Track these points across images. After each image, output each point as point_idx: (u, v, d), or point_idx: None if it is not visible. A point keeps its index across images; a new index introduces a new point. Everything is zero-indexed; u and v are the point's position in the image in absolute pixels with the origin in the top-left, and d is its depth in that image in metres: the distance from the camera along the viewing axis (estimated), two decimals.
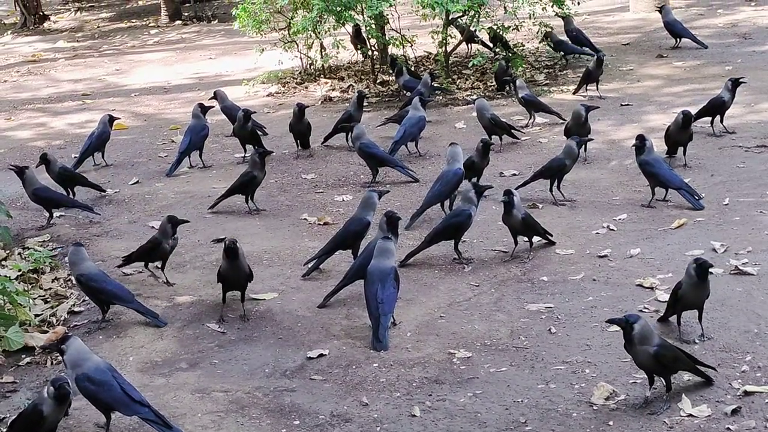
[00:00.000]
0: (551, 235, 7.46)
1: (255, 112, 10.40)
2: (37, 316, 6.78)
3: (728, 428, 4.98)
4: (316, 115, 11.31)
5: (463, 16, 12.43)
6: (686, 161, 8.98)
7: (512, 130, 10.09)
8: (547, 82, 12.54)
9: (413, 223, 7.98)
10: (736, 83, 9.71)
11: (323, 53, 13.19)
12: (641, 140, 8.18)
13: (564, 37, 13.16)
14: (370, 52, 13.17)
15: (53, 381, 5.03)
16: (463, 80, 12.74)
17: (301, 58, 13.51)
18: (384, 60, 13.26)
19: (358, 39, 13.36)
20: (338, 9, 11.94)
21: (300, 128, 10.24)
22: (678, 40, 13.61)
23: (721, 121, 9.80)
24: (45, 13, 21.02)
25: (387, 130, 10.61)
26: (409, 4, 13.05)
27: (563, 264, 7.15)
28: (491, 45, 13.20)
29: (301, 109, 10.15)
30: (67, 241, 8.07)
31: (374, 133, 10.29)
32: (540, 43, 13.13)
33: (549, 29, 12.67)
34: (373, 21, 12.43)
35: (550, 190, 8.41)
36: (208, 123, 10.25)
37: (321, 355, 6.05)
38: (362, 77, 13.34)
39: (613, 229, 7.68)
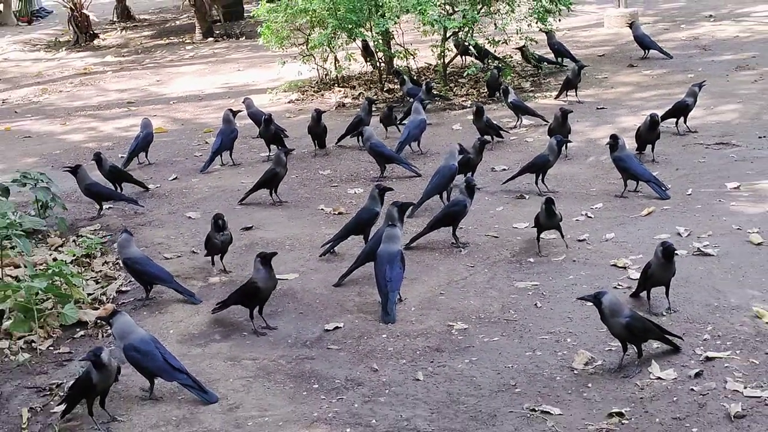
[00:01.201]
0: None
1: (270, 115, 10.30)
2: (89, 294, 6.80)
3: (692, 389, 4.98)
4: (331, 119, 11.29)
5: (458, 31, 12.39)
6: (654, 157, 8.95)
7: (500, 131, 10.09)
8: (533, 89, 12.49)
9: (415, 212, 7.95)
10: (700, 86, 9.77)
11: (337, 65, 13.16)
12: (615, 139, 8.16)
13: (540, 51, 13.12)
14: (377, 64, 13.15)
15: (89, 351, 5.04)
16: (459, 88, 12.69)
17: (317, 70, 13.49)
18: (390, 70, 13.23)
19: (367, 52, 13.34)
20: (350, 26, 11.94)
21: (317, 130, 10.25)
22: (646, 51, 13.55)
23: (685, 122, 9.78)
24: (95, 31, 20.99)
25: (393, 131, 10.60)
26: (412, 22, 13.02)
27: (547, 247, 7.13)
28: (480, 61, 13.13)
29: (318, 113, 10.16)
30: (116, 229, 8.10)
31: (382, 134, 10.29)
32: (524, 52, 13.05)
33: (531, 42, 12.56)
34: (380, 37, 12.42)
35: (536, 183, 8.38)
36: (237, 126, 10.24)
37: (336, 328, 6.05)
38: (371, 86, 13.31)
39: (590, 217, 7.66)
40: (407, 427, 4.88)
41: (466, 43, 12.62)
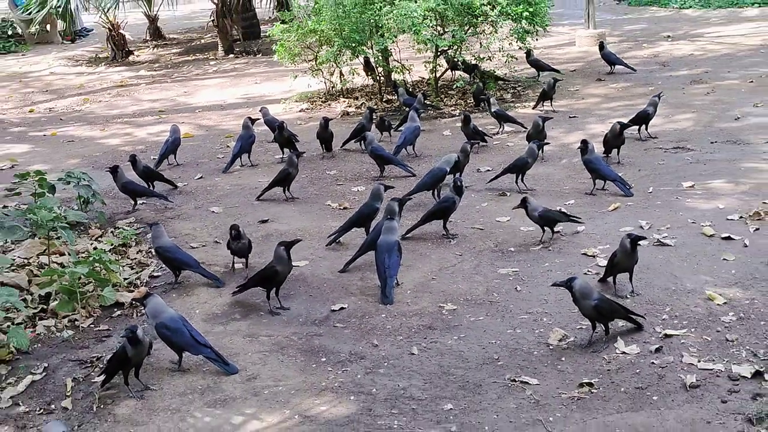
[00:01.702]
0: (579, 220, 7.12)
1: (283, 122, 10.25)
2: (125, 279, 6.78)
3: (653, 362, 4.97)
4: (337, 126, 11.27)
5: (448, 49, 12.35)
6: (619, 160, 8.94)
7: (485, 137, 10.07)
8: (513, 99, 12.46)
9: (405, 202, 7.73)
10: (659, 97, 9.79)
11: (342, 78, 13.12)
12: (585, 144, 8.13)
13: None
14: (378, 78, 13.11)
15: (126, 329, 5.03)
16: (449, 99, 12.66)
17: (325, 83, 13.44)
18: (389, 83, 13.20)
19: (368, 67, 13.29)
20: (353, 45, 11.90)
21: (325, 136, 10.22)
22: (612, 67, 13.53)
23: (646, 129, 9.76)
24: (130, 49, 20.91)
25: (391, 136, 10.58)
26: (408, 41, 12.97)
27: (526, 238, 7.12)
28: (468, 74, 13.09)
29: (325, 121, 10.13)
30: (148, 222, 8.06)
31: (378, 138, 10.27)
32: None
33: (511, 58, 12.54)
34: (380, 54, 12.39)
35: (516, 182, 8.37)
36: (254, 132, 10.21)
37: (342, 308, 6.04)
38: (372, 97, 13.27)
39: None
40: (404, 395, 4.87)
41: (455, 60, 12.59)
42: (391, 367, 5.20)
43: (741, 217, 7.05)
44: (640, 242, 5.85)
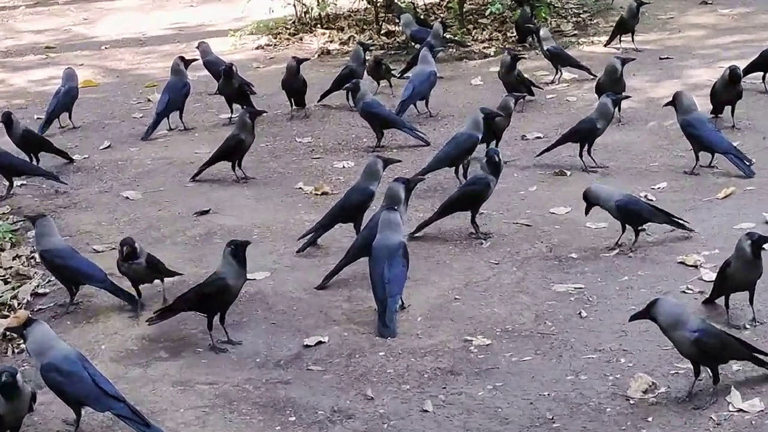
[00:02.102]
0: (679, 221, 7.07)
1: (233, 65, 10.21)
2: None
3: None
4: (312, 71, 11.27)
5: None
6: (734, 122, 8.95)
7: (533, 87, 10.08)
8: (576, 32, 12.49)
9: (416, 184, 7.78)
10: None
11: (320, 0, 13.12)
12: (679, 98, 8.13)
13: None
14: None
15: None
16: (480, 30, 12.66)
17: (294, 6, 13.45)
18: (390, 8, 13.19)
19: None
20: None
21: (295, 85, 10.21)
22: None
23: None
24: None
25: (392, 87, 10.58)
26: None
27: (595, 239, 7.13)
28: None
29: (297, 63, 10.12)
30: (31, 214, 8.05)
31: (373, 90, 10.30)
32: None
33: None
34: None
35: (580, 155, 8.38)
36: (189, 79, 10.20)
37: (320, 343, 6.04)
38: (364, 27, 13.27)
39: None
40: None
41: None
42: (393, 429, 5.20)
43: None
44: (765, 246, 5.86)
